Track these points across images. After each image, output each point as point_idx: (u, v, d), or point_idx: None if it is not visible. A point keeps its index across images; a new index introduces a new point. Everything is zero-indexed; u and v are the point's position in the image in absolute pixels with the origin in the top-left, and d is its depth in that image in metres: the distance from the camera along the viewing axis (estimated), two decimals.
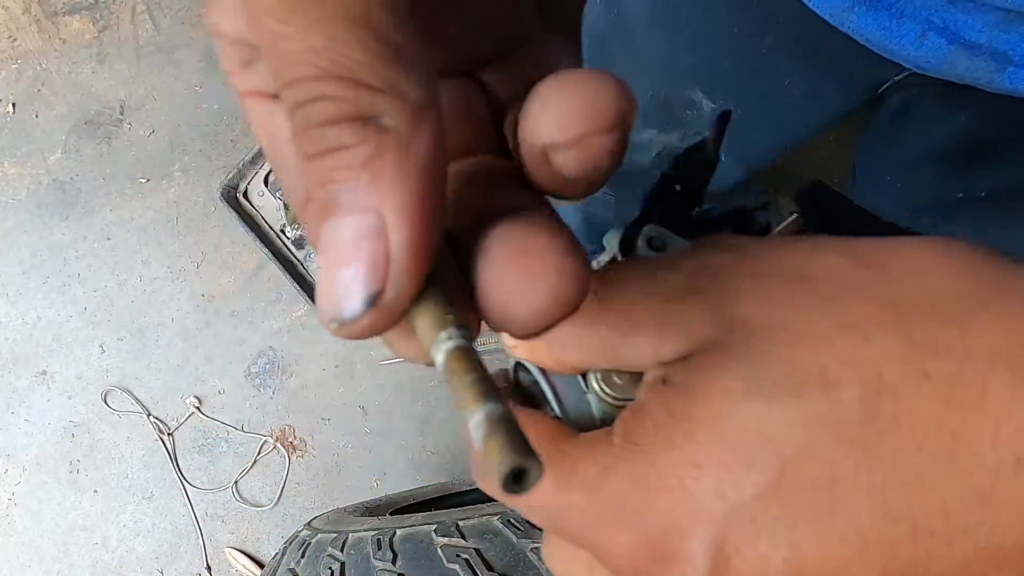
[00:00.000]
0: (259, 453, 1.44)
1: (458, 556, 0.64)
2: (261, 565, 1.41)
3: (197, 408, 1.44)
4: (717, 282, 0.19)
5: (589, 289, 0.17)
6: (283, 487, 1.43)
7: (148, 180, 1.47)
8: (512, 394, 0.25)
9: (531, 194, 0.19)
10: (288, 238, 1.32)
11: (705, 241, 0.21)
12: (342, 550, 0.74)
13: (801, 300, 0.18)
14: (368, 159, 0.14)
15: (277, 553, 0.88)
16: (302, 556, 0.79)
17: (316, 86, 0.14)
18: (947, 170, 0.58)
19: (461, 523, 0.69)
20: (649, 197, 0.27)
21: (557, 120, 0.16)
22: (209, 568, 1.42)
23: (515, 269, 0.16)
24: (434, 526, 0.69)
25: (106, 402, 1.44)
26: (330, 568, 0.72)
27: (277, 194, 1.29)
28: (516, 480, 0.14)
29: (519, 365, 0.26)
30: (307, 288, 1.31)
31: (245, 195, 1.32)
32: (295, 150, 0.15)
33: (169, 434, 1.44)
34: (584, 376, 0.23)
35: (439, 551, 0.66)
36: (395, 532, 0.72)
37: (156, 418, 1.44)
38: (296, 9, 0.14)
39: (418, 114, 0.15)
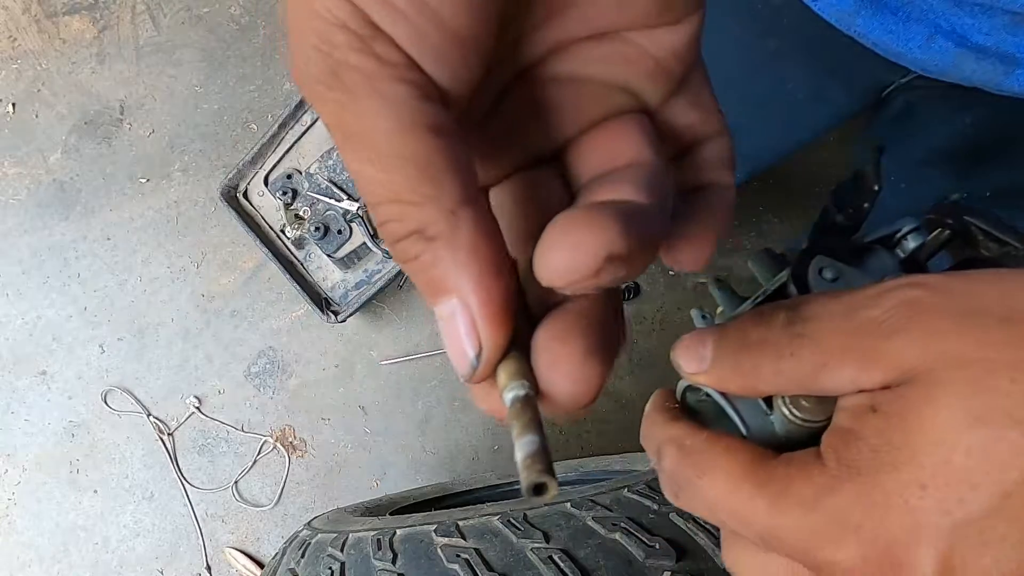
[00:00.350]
0: (259, 453, 1.44)
1: (458, 556, 0.64)
2: (261, 565, 1.41)
3: (197, 408, 1.44)
4: (923, 318, 0.21)
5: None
6: (283, 487, 1.43)
7: (148, 180, 1.47)
8: (680, 414, 0.27)
9: None
10: (288, 238, 1.31)
11: (898, 280, 0.23)
12: (342, 550, 0.73)
13: (1020, 339, 0.20)
14: (432, 262, 0.19)
15: (277, 553, 0.88)
16: (302, 556, 0.78)
17: (381, 210, 0.19)
18: (952, 170, 0.58)
19: (461, 523, 0.69)
20: (813, 229, 0.29)
21: (548, 277, 0.19)
22: (209, 568, 1.42)
23: (543, 371, 0.21)
24: (434, 526, 0.69)
25: (106, 402, 1.44)
26: (330, 568, 0.72)
27: (277, 194, 1.29)
28: (536, 491, 0.18)
29: (688, 387, 0.28)
30: (307, 288, 1.31)
31: (245, 195, 1.32)
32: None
33: (169, 434, 1.44)
34: (767, 399, 0.25)
35: (439, 551, 0.66)
36: (395, 532, 0.71)
37: (156, 418, 1.44)
38: (360, 153, 0.18)
39: (454, 213, 0.19)
